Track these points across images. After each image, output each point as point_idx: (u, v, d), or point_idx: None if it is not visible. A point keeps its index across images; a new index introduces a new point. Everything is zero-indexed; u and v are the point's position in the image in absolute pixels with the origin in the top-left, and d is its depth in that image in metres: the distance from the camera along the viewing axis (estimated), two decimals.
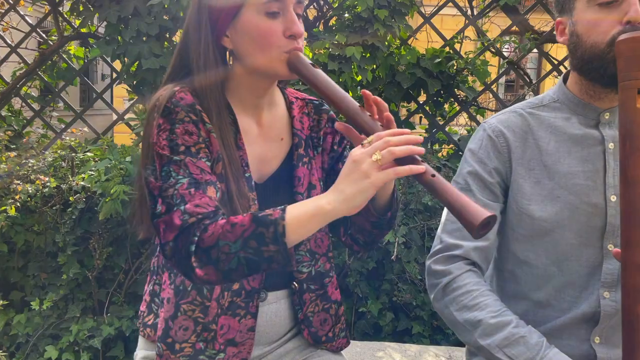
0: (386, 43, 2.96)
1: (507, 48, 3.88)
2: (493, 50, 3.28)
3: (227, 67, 1.09)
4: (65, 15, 3.32)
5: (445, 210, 1.26)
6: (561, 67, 3.28)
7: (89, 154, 3.05)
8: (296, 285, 1.15)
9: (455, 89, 3.17)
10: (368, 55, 2.92)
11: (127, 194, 2.34)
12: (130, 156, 2.52)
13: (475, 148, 1.22)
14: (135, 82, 3.03)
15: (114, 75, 3.34)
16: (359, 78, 3.02)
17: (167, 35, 2.98)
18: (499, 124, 1.21)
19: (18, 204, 2.69)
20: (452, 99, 3.26)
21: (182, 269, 0.93)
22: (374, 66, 3.02)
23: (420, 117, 3.41)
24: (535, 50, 3.24)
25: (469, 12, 3.38)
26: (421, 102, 3.22)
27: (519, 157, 1.19)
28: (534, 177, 1.17)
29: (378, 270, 2.79)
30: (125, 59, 2.96)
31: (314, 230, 0.92)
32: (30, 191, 2.71)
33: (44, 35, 3.52)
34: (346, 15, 2.99)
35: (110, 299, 2.81)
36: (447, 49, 3.15)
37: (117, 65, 3.28)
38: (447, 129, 3.31)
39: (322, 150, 1.20)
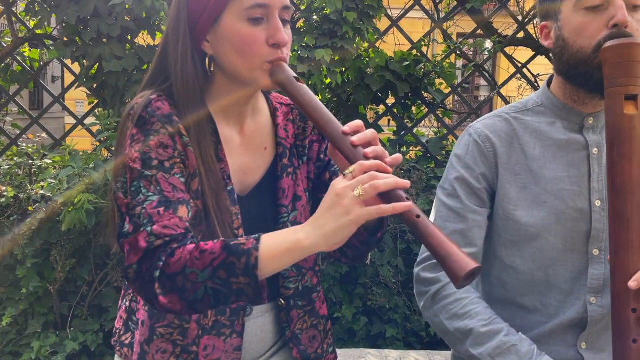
0: (355, 46, 2.95)
1: (471, 51, 3.94)
2: (459, 53, 3.32)
3: (207, 73, 1.03)
4: (20, 16, 3.17)
5: (432, 216, 1.24)
6: (524, 70, 3.34)
7: (47, 161, 2.92)
8: (283, 302, 1.11)
9: (423, 92, 3.18)
10: (337, 58, 2.89)
11: (91, 203, 2.23)
12: (93, 163, 2.41)
13: (461, 154, 1.21)
14: (95, 85, 2.92)
15: (69, 77, 3.21)
16: (328, 81, 3.00)
17: (129, 37, 2.88)
18: (485, 128, 1.20)
19: None
20: (420, 102, 3.27)
21: (145, 294, 0.87)
22: (343, 69, 3.00)
23: (389, 120, 3.42)
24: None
25: (435, 16, 3.41)
26: (389, 105, 3.22)
27: (505, 162, 1.18)
28: (520, 182, 1.17)
29: (351, 274, 2.77)
30: (85, 61, 2.85)
31: (289, 264, 0.87)
32: None
33: None
34: (315, 17, 2.95)
35: (74, 313, 2.70)
36: (414, 52, 3.16)
37: (73, 67, 3.16)
38: (414, 131, 3.33)
39: (307, 160, 1.15)
